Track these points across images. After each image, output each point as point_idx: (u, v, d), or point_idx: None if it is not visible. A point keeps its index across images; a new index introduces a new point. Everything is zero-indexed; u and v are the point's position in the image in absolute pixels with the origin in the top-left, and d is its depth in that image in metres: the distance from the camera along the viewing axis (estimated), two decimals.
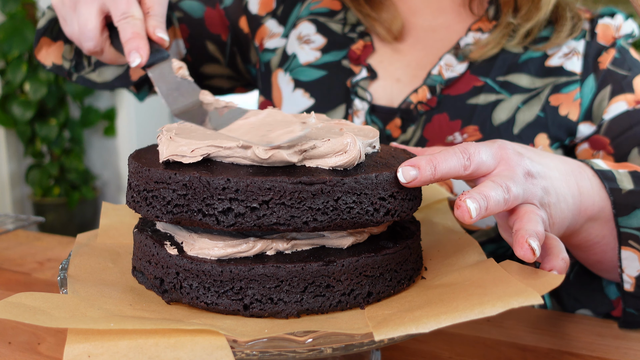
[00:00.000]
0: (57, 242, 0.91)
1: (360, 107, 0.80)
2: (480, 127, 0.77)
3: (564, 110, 0.77)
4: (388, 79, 0.82)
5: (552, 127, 0.77)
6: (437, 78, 0.79)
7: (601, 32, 0.79)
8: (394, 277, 0.50)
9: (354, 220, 0.46)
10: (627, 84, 0.76)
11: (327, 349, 0.41)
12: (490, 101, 0.77)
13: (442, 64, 0.80)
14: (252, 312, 0.46)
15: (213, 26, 0.92)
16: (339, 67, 0.83)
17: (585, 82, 0.77)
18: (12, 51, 2.55)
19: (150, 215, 0.48)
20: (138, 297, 0.49)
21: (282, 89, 0.86)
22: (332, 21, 0.86)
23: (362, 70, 0.82)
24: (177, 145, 0.48)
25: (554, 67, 0.78)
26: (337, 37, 0.85)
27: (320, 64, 0.84)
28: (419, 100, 0.79)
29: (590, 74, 0.77)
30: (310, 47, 0.86)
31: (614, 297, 0.69)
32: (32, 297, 0.43)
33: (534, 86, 0.78)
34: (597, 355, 0.58)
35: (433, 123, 0.78)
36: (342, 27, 0.86)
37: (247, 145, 0.46)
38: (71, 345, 0.39)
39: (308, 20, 0.87)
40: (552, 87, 0.77)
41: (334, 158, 0.47)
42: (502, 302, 0.39)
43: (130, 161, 0.52)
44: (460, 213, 0.45)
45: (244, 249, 0.46)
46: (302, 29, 0.87)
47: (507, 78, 0.78)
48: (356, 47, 0.83)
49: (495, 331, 0.63)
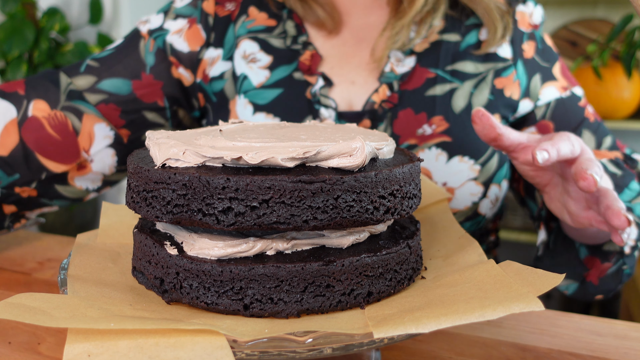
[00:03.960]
0: (57, 242, 0.91)
1: (327, 115, 0.82)
2: (445, 117, 0.81)
3: (508, 92, 0.84)
4: (343, 83, 0.84)
5: (501, 108, 0.84)
6: (391, 75, 0.82)
7: (520, 19, 0.87)
8: (394, 277, 0.50)
9: (354, 219, 0.46)
10: (549, 74, 0.87)
11: (327, 349, 0.41)
12: (446, 90, 0.82)
13: (392, 60, 0.83)
14: (252, 312, 0.46)
15: (146, 96, 0.87)
16: (293, 81, 0.83)
17: (517, 66, 0.85)
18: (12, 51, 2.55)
19: (150, 216, 0.48)
20: (138, 297, 0.49)
21: (239, 114, 0.84)
22: (272, 37, 0.86)
23: (318, 79, 0.83)
24: (168, 147, 0.48)
25: (490, 54, 0.85)
26: (281, 52, 0.85)
27: (273, 82, 0.83)
28: (382, 99, 0.82)
29: (519, 60, 0.86)
30: (257, 66, 0.85)
31: (582, 257, 0.79)
32: (32, 297, 0.43)
33: (478, 71, 0.84)
34: (597, 355, 0.58)
35: (400, 119, 0.81)
36: (284, 40, 0.86)
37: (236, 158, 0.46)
38: (71, 345, 0.39)
39: (248, 38, 0.86)
40: (494, 72, 0.84)
41: (337, 159, 0.47)
42: (503, 307, 0.39)
43: (130, 161, 0.52)
44: (587, 184, 0.55)
45: (244, 248, 0.46)
46: (245, 47, 0.86)
47: (455, 67, 0.83)
48: (304, 59, 0.84)
49: (495, 331, 0.63)
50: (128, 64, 0.87)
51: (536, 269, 0.46)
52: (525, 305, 0.39)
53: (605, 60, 1.99)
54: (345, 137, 0.51)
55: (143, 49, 0.88)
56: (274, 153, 0.45)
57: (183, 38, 0.88)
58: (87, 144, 0.83)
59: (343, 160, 0.46)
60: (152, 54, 0.87)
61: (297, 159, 0.46)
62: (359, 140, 0.47)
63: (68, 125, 0.81)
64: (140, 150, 0.56)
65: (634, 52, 1.94)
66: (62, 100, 0.82)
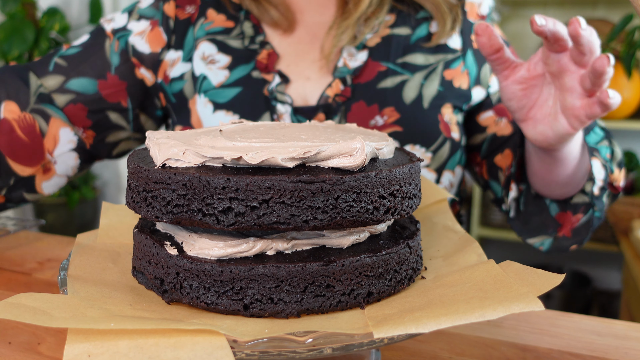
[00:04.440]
0: (57, 242, 0.91)
1: (284, 110, 0.84)
2: (395, 107, 0.84)
3: (457, 82, 0.87)
4: (299, 79, 0.87)
5: (452, 98, 0.87)
6: (344, 69, 0.85)
7: (469, 10, 0.91)
8: (394, 277, 0.50)
9: (354, 219, 0.46)
10: None
11: (327, 349, 0.41)
12: (397, 82, 0.85)
13: (345, 55, 0.86)
14: (252, 312, 0.46)
15: (111, 96, 0.89)
16: (251, 80, 0.86)
17: (466, 56, 0.88)
18: (12, 51, 2.55)
19: (150, 216, 0.48)
20: (138, 297, 0.49)
21: (200, 113, 0.86)
22: (229, 38, 0.88)
23: (275, 76, 0.85)
24: (168, 147, 0.48)
25: (440, 45, 0.88)
26: (240, 53, 0.87)
27: (232, 81, 0.86)
28: (335, 93, 0.84)
29: (469, 50, 0.89)
30: (217, 67, 0.87)
31: (554, 214, 0.82)
32: (32, 297, 0.43)
33: (428, 62, 0.86)
34: (597, 355, 0.58)
35: (353, 111, 0.84)
36: (242, 41, 0.88)
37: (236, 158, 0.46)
38: (71, 345, 0.39)
39: (207, 40, 0.88)
40: (444, 64, 0.87)
41: (337, 159, 0.47)
42: (503, 307, 0.39)
43: (130, 161, 0.52)
44: (600, 63, 0.57)
45: (244, 249, 0.46)
46: (203, 49, 0.88)
47: (405, 59, 0.86)
48: (262, 57, 0.86)
49: (495, 331, 0.63)
50: (94, 63, 0.89)
51: (536, 269, 0.46)
52: (525, 305, 0.39)
53: None
54: (345, 137, 0.51)
55: (108, 48, 0.89)
56: (274, 153, 0.45)
57: (145, 40, 0.90)
58: (52, 146, 0.85)
59: (343, 161, 0.46)
60: (117, 54, 0.89)
61: (297, 159, 0.46)
62: (359, 140, 0.47)
63: (36, 128, 0.83)
64: (141, 150, 0.56)
65: (633, 52, 1.94)
66: (32, 102, 0.83)
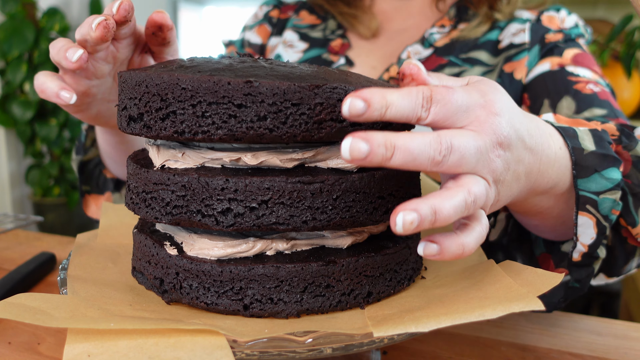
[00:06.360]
0: (57, 242, 0.91)
1: None
2: None
3: (518, 74, 0.86)
4: (364, 66, 0.93)
5: (509, 91, 0.83)
6: (406, 59, 0.90)
7: (546, 20, 0.90)
8: (394, 277, 0.50)
9: (354, 219, 0.46)
10: (558, 51, 0.86)
11: (327, 349, 0.41)
12: (454, 73, 0.86)
13: (410, 50, 0.91)
14: (252, 312, 0.46)
15: None
16: (320, 60, 0.95)
17: (531, 50, 0.87)
18: (12, 51, 2.55)
19: (149, 217, 0.48)
20: (138, 297, 0.49)
21: None
22: (313, 31, 1.01)
23: (341, 58, 0.94)
24: (167, 148, 0.48)
25: (504, 47, 0.88)
26: (317, 41, 0.99)
27: (302, 60, 0.94)
28: (390, 76, 0.90)
29: (536, 45, 0.87)
30: (293, 51, 0.98)
31: (538, 254, 0.67)
32: (32, 297, 0.43)
33: (491, 62, 0.88)
34: (597, 355, 0.58)
35: None
36: (323, 33, 1.00)
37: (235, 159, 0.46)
38: (71, 345, 0.39)
39: (292, 29, 1.02)
40: (504, 59, 0.87)
41: (336, 160, 0.47)
42: (503, 307, 0.39)
43: (129, 163, 0.51)
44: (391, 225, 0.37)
45: (243, 249, 0.46)
46: (287, 36, 1.01)
47: (469, 55, 0.89)
48: (335, 44, 0.97)
49: (495, 331, 0.63)
50: None
51: (536, 268, 0.46)
52: (525, 305, 0.39)
53: (605, 60, 1.99)
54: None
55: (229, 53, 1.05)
56: (273, 154, 0.45)
57: (255, 33, 1.07)
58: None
59: (342, 161, 0.46)
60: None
61: (296, 160, 0.46)
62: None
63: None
64: (139, 152, 0.56)
65: (633, 53, 1.94)
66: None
